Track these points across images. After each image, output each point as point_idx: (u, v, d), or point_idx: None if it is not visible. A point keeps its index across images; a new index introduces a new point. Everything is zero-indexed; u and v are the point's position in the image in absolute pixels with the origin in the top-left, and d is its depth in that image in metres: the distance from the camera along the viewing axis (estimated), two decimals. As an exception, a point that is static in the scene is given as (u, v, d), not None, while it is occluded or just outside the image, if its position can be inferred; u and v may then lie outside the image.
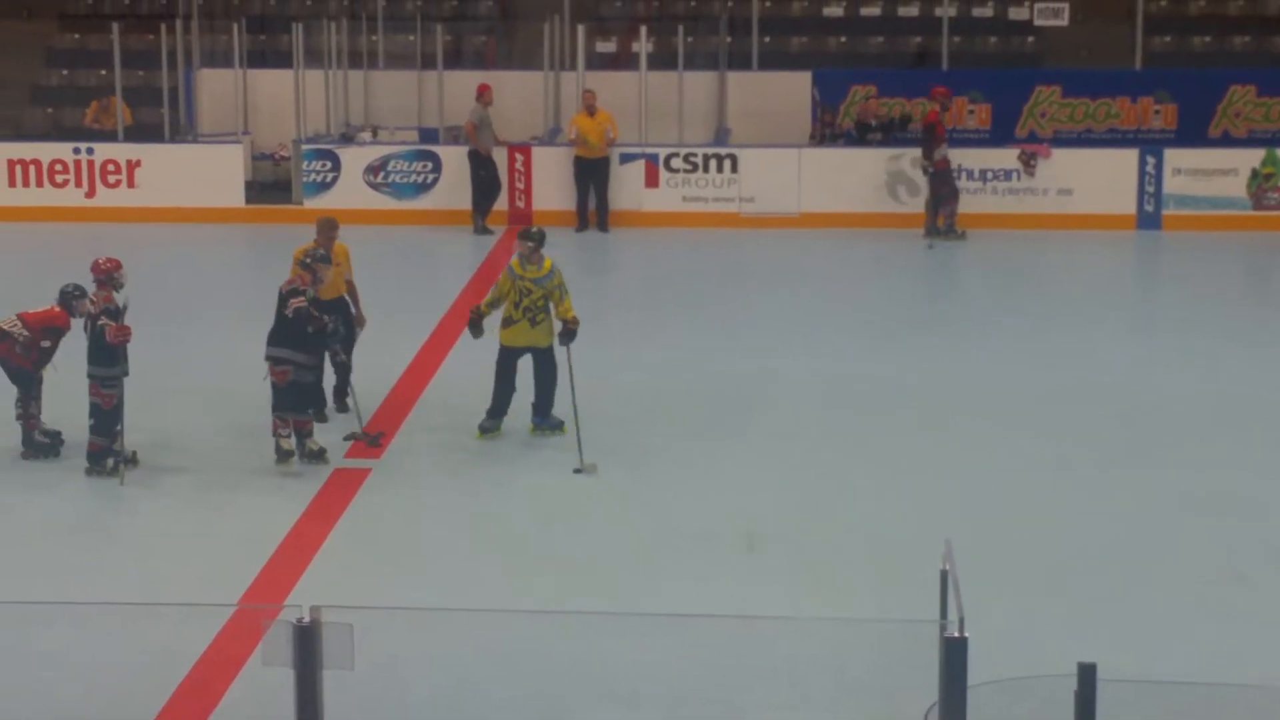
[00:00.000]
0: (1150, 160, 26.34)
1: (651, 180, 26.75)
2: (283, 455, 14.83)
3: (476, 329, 15.76)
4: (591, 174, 26.37)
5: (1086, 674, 7.64)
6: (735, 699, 10.61)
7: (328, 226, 16.46)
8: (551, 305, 15.57)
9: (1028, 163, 26.47)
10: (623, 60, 29.60)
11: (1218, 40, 30.76)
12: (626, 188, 26.55)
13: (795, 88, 28.75)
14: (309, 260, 15.08)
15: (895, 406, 16.90)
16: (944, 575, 8.41)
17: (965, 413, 16.66)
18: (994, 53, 30.66)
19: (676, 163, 26.75)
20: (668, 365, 18.46)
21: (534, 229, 15.94)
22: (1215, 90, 28.65)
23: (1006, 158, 26.63)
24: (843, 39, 31.03)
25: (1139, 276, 25.37)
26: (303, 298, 14.76)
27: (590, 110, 26.34)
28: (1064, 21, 29.23)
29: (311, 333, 14.74)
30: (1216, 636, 11.54)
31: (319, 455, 14.97)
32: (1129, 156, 26.55)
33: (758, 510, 13.94)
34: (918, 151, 26.18)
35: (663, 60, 28.09)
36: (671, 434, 15.94)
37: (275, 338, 14.89)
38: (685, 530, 13.51)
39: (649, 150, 26.81)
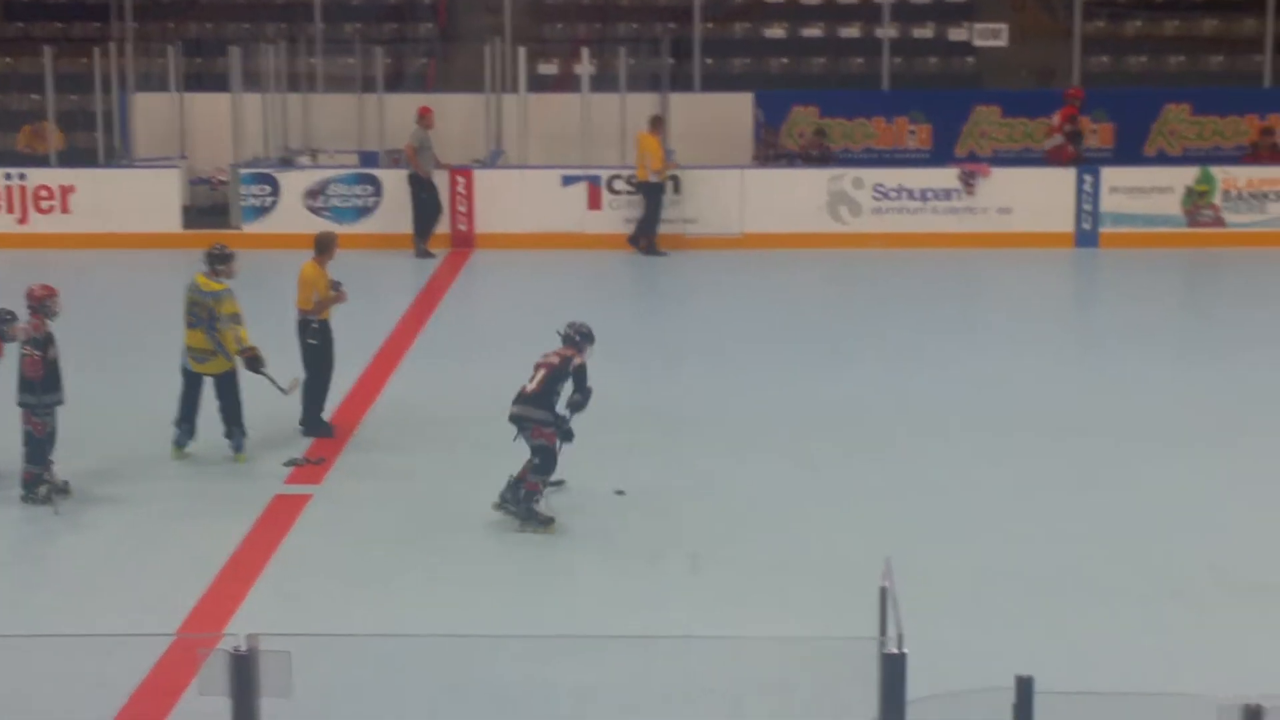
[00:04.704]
0: (1087, 179, 26.52)
1: (594, 202, 26.73)
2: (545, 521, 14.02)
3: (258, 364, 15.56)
4: (653, 193, 26.39)
5: (1024, 687, 7.68)
6: (679, 721, 10.56)
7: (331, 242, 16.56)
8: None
9: (967, 182, 26.58)
10: (564, 82, 29.63)
11: (1153, 60, 31.01)
12: (569, 210, 26.51)
13: (737, 109, 28.87)
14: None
15: (837, 427, 16.88)
16: (883, 592, 8.38)
17: (908, 432, 16.66)
18: (934, 73, 30.86)
19: (619, 185, 26.73)
20: (610, 387, 18.40)
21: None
22: (1151, 109, 28.97)
23: (946, 177, 26.74)
24: (784, 60, 31.17)
25: (1078, 293, 25.48)
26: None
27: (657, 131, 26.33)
28: (1003, 42, 29.46)
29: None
30: (1154, 650, 11.56)
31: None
32: (1067, 175, 26.73)
33: (700, 531, 13.89)
34: (858, 172, 26.44)
35: (605, 82, 28.11)
36: (614, 455, 15.88)
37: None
38: (629, 552, 13.45)
39: (591, 172, 26.79)
